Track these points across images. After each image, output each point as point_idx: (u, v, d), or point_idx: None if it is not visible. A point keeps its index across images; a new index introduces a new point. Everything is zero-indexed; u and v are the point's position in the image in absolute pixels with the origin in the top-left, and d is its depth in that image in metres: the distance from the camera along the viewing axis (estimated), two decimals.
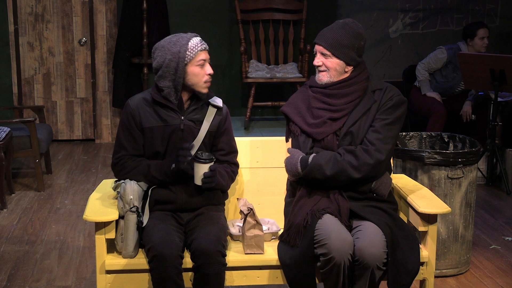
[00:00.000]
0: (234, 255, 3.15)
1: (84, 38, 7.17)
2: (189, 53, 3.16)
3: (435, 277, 3.76)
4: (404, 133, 4.34)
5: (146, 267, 3.04)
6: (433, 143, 4.36)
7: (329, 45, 3.17)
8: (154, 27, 7.00)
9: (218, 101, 3.31)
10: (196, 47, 3.18)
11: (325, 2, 7.38)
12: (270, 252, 3.17)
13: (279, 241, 3.19)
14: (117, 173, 3.25)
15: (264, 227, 3.31)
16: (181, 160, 3.11)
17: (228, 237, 3.26)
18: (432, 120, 6.25)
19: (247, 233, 3.14)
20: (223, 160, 3.32)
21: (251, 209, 3.14)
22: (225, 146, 3.32)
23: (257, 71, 6.98)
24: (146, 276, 3.07)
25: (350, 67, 3.21)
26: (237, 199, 3.31)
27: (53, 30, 7.14)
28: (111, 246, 3.16)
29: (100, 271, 3.07)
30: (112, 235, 3.08)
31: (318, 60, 3.23)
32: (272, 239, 3.31)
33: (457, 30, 7.46)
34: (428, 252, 3.19)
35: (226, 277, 3.07)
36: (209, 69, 3.22)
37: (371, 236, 2.98)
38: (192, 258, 3.03)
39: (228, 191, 3.40)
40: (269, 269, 3.14)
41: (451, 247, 4.01)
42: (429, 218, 3.18)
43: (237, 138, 3.43)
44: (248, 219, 3.15)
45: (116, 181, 3.26)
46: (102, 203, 3.20)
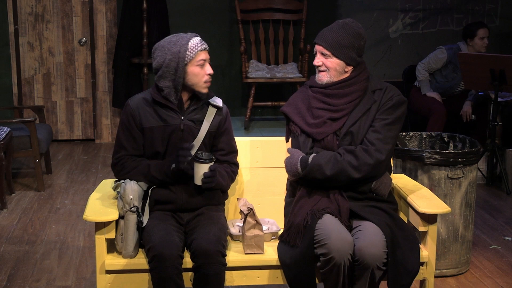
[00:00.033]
0: (234, 255, 3.14)
1: (84, 38, 7.17)
2: (189, 53, 3.16)
3: (435, 277, 3.76)
4: (404, 133, 4.34)
5: (146, 267, 3.04)
6: (433, 143, 4.36)
7: (329, 45, 3.17)
8: (154, 27, 7.00)
9: (218, 101, 3.31)
10: (196, 47, 3.18)
11: (325, 2, 7.38)
12: (270, 252, 3.17)
13: (279, 241, 3.18)
14: (117, 173, 3.25)
15: (264, 227, 3.31)
16: (181, 160, 3.11)
17: (228, 237, 3.26)
18: (432, 120, 6.25)
19: (247, 233, 3.14)
20: (223, 160, 3.32)
21: (251, 209, 3.14)
22: (225, 146, 3.32)
23: (257, 71, 6.97)
24: (146, 276, 3.07)
25: (350, 67, 3.21)
26: (237, 199, 3.30)
27: (53, 30, 7.14)
28: (111, 246, 3.16)
29: (100, 271, 3.07)
30: (112, 235, 3.08)
31: (318, 60, 3.23)
32: (272, 239, 3.31)
33: (457, 30, 7.45)
34: (428, 252, 3.18)
35: (226, 277, 3.06)
36: (209, 69, 3.22)
37: (371, 236, 2.98)
38: (192, 258, 3.03)
39: (228, 191, 3.40)
40: (269, 269, 3.14)
41: (451, 247, 4.01)
42: (429, 218, 3.18)
43: (237, 138, 3.43)
44: (248, 219, 3.14)
45: (116, 181, 3.26)
46: (102, 203, 3.19)
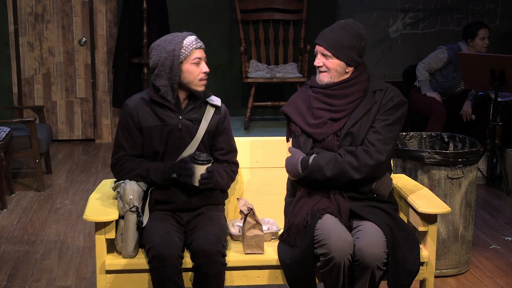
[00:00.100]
0: (234, 255, 3.14)
1: (84, 38, 7.17)
2: (184, 51, 3.16)
3: (435, 277, 3.75)
4: (404, 133, 4.34)
5: (146, 267, 3.04)
6: (433, 143, 4.36)
7: (330, 45, 3.17)
8: (154, 27, 6.99)
9: (216, 100, 3.30)
10: (191, 45, 3.18)
11: (325, 2, 7.37)
12: (270, 252, 3.17)
13: (279, 241, 3.18)
14: (116, 173, 3.25)
15: (264, 227, 3.31)
16: (183, 174, 3.12)
17: (228, 237, 3.26)
18: (432, 120, 6.25)
19: (247, 233, 3.14)
20: (222, 160, 3.32)
21: (251, 209, 3.14)
22: (224, 146, 3.32)
23: (257, 71, 6.97)
24: (146, 276, 3.07)
25: (350, 67, 3.21)
26: (237, 199, 3.30)
27: (53, 30, 7.13)
28: (111, 246, 3.16)
29: (100, 271, 3.07)
30: (112, 235, 3.08)
31: (318, 61, 3.22)
32: (272, 239, 3.31)
33: (457, 30, 7.45)
34: (428, 252, 3.18)
35: (226, 277, 3.06)
36: (204, 67, 3.22)
37: (371, 236, 2.98)
38: (192, 258, 3.03)
39: (228, 191, 3.40)
40: (269, 269, 3.14)
41: (451, 247, 4.01)
42: (429, 218, 3.18)
43: (237, 138, 3.43)
44: (248, 219, 3.14)
45: (115, 181, 3.26)
46: (102, 203, 3.19)
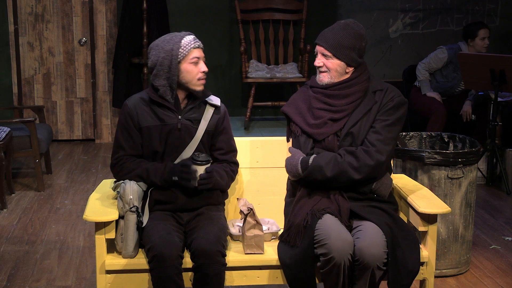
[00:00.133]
0: (234, 255, 3.14)
1: (84, 38, 7.17)
2: (182, 50, 3.17)
3: (435, 277, 3.75)
4: (404, 133, 4.34)
5: (146, 267, 3.04)
6: (433, 143, 4.36)
7: (330, 46, 3.17)
8: (154, 27, 6.99)
9: (215, 100, 3.30)
10: (189, 45, 3.18)
11: (325, 2, 7.37)
12: (270, 252, 3.16)
13: (279, 241, 3.18)
14: (115, 173, 3.25)
15: (264, 227, 3.31)
16: (185, 177, 3.12)
17: (228, 237, 3.26)
18: (432, 120, 6.25)
19: (247, 233, 3.14)
20: (222, 160, 3.31)
21: (251, 209, 3.14)
22: (224, 145, 3.32)
23: (257, 71, 6.97)
24: (146, 276, 3.07)
25: (351, 68, 3.21)
26: (237, 199, 3.30)
27: (53, 30, 7.13)
28: (111, 246, 3.16)
29: (100, 271, 3.07)
30: (112, 235, 3.08)
31: (319, 61, 3.22)
32: (272, 239, 3.31)
33: (457, 30, 7.45)
34: (428, 252, 3.18)
35: (226, 277, 3.06)
36: (203, 67, 3.22)
37: (371, 236, 2.98)
38: (192, 258, 3.03)
39: (228, 191, 3.40)
40: (269, 269, 3.14)
41: (451, 247, 4.01)
42: (429, 218, 3.18)
43: (237, 138, 3.42)
44: (248, 219, 3.14)
45: (115, 181, 3.26)
46: (102, 203, 3.19)
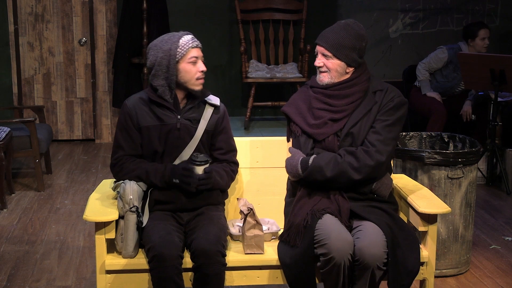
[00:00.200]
0: (234, 255, 3.14)
1: (84, 38, 7.17)
2: (180, 50, 3.16)
3: (435, 277, 3.75)
4: (404, 133, 4.34)
5: (146, 267, 3.04)
6: (433, 143, 4.36)
7: (330, 46, 3.17)
8: (154, 27, 6.99)
9: (214, 100, 3.30)
10: (187, 44, 3.18)
11: (325, 2, 7.37)
12: (270, 252, 3.17)
13: (279, 241, 3.18)
14: (115, 174, 3.25)
15: (264, 227, 3.31)
16: (186, 182, 3.12)
17: (228, 237, 3.26)
18: (432, 120, 6.25)
19: (247, 233, 3.14)
20: (222, 159, 3.31)
21: (251, 209, 3.14)
22: (223, 145, 3.32)
23: (257, 71, 6.97)
24: (146, 276, 3.07)
25: (351, 68, 3.21)
26: (237, 199, 3.30)
27: (53, 30, 7.13)
28: (111, 246, 3.16)
29: (100, 271, 3.07)
30: (112, 235, 3.08)
31: (319, 61, 3.22)
32: (272, 239, 3.31)
33: (457, 30, 7.45)
34: (428, 252, 3.18)
35: (226, 277, 3.06)
36: (201, 66, 3.22)
37: (371, 236, 2.98)
38: (192, 258, 3.03)
39: (228, 191, 3.40)
40: (269, 269, 3.14)
41: (451, 247, 4.01)
42: (429, 218, 3.18)
43: (237, 138, 3.42)
44: (248, 219, 3.14)
45: (115, 181, 3.26)
46: (102, 203, 3.19)
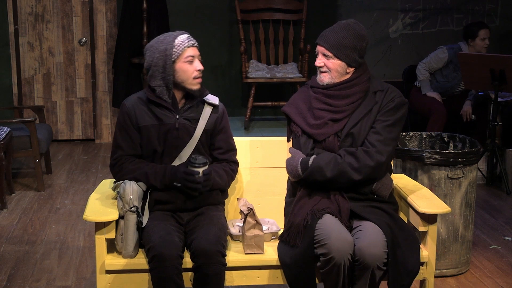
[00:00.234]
0: (234, 255, 3.14)
1: (84, 38, 7.17)
2: (176, 49, 3.16)
3: (435, 277, 3.75)
4: (404, 133, 4.34)
5: (146, 267, 3.04)
6: (433, 143, 4.36)
7: (331, 46, 3.16)
8: (154, 27, 6.99)
9: (213, 99, 3.30)
10: (183, 44, 3.17)
11: (325, 2, 7.37)
12: (270, 252, 3.16)
13: (279, 241, 3.18)
14: (115, 174, 3.25)
15: (264, 227, 3.31)
16: (188, 186, 3.11)
17: (228, 237, 3.26)
18: (432, 120, 6.25)
19: (247, 233, 3.14)
20: (222, 159, 3.31)
21: (251, 209, 3.14)
22: (223, 145, 3.32)
23: (257, 71, 6.97)
24: (146, 276, 3.07)
25: (351, 68, 3.20)
26: (237, 199, 3.30)
27: (53, 30, 7.13)
28: (111, 246, 3.16)
29: (100, 271, 3.07)
30: (112, 235, 3.08)
31: (319, 61, 3.22)
32: (272, 239, 3.31)
33: (457, 30, 7.45)
34: (428, 252, 3.18)
35: (226, 277, 3.06)
36: (198, 65, 3.21)
37: (371, 236, 2.98)
38: (192, 258, 3.03)
39: (228, 191, 3.40)
40: (269, 269, 3.14)
41: (451, 247, 4.01)
42: (429, 218, 3.18)
43: (237, 138, 3.42)
44: (248, 219, 3.14)
45: (115, 181, 3.26)
46: (102, 203, 3.19)
